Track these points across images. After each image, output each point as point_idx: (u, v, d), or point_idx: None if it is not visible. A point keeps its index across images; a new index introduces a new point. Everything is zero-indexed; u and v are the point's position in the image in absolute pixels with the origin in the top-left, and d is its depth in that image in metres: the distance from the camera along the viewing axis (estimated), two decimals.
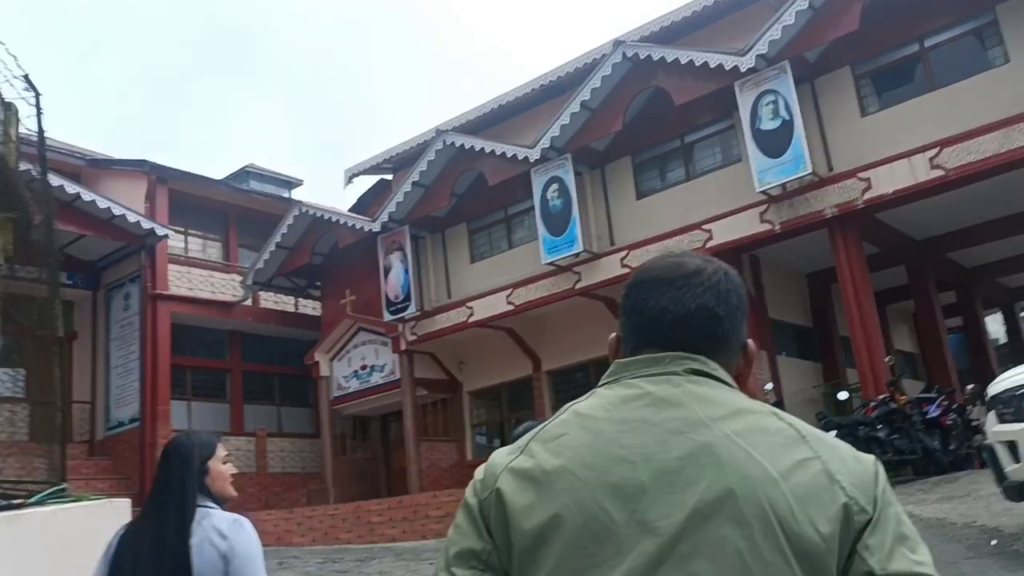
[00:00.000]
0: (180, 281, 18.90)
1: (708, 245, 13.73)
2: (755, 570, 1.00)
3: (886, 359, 12.39)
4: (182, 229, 19.77)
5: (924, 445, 11.50)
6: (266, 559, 2.62)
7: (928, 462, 11.57)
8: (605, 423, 1.11)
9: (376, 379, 18.25)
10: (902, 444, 11.30)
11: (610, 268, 14.73)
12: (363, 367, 18.49)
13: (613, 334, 1.26)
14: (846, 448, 1.11)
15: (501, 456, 1.17)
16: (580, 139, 14.86)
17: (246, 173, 26.58)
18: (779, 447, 1.07)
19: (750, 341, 1.24)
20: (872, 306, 12.84)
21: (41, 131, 7.25)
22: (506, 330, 16.81)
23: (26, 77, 7.06)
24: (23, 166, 7.53)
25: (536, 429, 1.18)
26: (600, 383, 1.20)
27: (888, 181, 12.28)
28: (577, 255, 14.88)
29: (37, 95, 7.20)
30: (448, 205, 16.74)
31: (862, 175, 12.47)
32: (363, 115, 69.11)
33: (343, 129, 69.32)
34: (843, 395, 12.82)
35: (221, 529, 2.43)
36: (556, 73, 16.48)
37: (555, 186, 15.08)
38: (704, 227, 13.82)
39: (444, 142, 16.07)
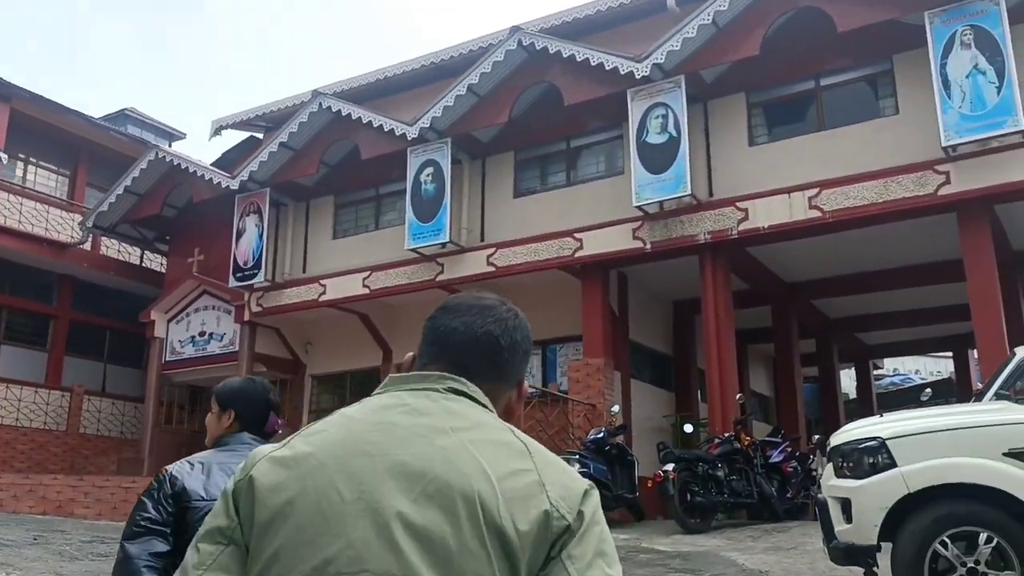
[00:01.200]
0: (9, 211, 17.09)
1: (577, 254, 13.13)
2: (455, 551, 1.14)
3: (737, 397, 12.00)
4: (22, 155, 17.95)
5: (761, 490, 11.14)
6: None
7: (763, 507, 11.21)
8: (360, 423, 1.25)
9: (214, 348, 16.90)
10: (739, 486, 10.88)
11: (475, 264, 13.94)
12: (201, 333, 17.10)
13: (410, 353, 1.39)
14: (566, 469, 1.26)
15: (264, 448, 1.28)
16: (463, 125, 14.02)
17: (124, 116, 24.76)
18: (504, 456, 1.22)
19: (526, 381, 1.42)
20: (731, 340, 12.45)
21: None
22: (359, 315, 15.80)
23: None
24: None
25: (304, 426, 1.30)
26: (374, 392, 1.33)
27: (765, 214, 11.90)
28: (443, 245, 14.02)
29: None
30: (316, 173, 15.62)
31: (740, 204, 12.06)
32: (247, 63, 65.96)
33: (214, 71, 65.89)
34: (689, 428, 12.38)
35: None
36: (449, 53, 15.58)
37: (430, 170, 14.19)
38: (576, 235, 13.18)
39: (320, 105, 14.94)
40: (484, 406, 1.30)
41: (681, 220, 12.40)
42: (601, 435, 10.95)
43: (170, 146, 23.66)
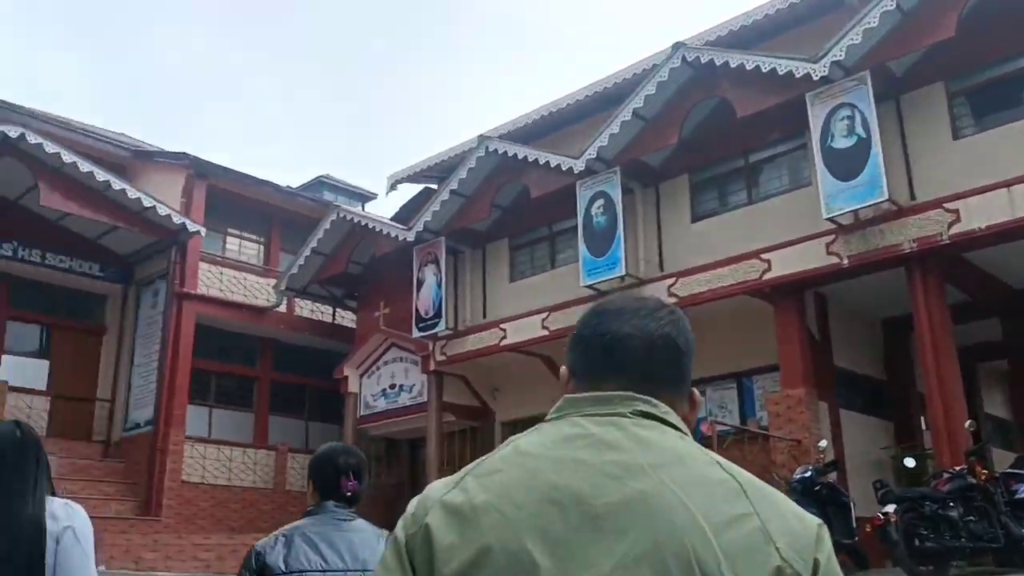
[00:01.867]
0: (211, 281, 18.12)
1: (765, 277, 12.10)
2: None
3: (967, 424, 10.46)
4: (220, 228, 19.04)
5: (1008, 531, 9.55)
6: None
7: (1014, 552, 9.61)
8: (540, 461, 1.09)
9: (404, 400, 17.02)
10: (979, 528, 9.36)
11: (656, 295, 13.17)
12: (392, 386, 17.30)
13: (563, 367, 1.25)
14: (790, 507, 1.09)
15: (436, 489, 1.15)
16: (631, 151, 13.41)
17: (320, 183, 26.07)
18: (717, 499, 1.05)
19: (694, 388, 1.25)
20: (952, 359, 10.95)
21: None
22: (542, 357, 15.38)
23: None
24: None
25: (474, 463, 1.16)
26: (547, 417, 1.19)
27: (981, 214, 10.44)
28: (621, 279, 13.38)
29: None
30: (488, 217, 15.46)
31: (949, 206, 10.65)
32: (410, 118, 68.33)
33: (386, 131, 68.62)
34: (911, 462, 10.93)
35: (54, 511, 2.42)
36: (612, 80, 15.08)
37: (601, 202, 13.65)
38: (762, 256, 12.16)
39: (486, 149, 14.83)
40: (680, 431, 1.16)
41: (880, 229, 11.12)
42: (809, 474, 9.85)
43: (363, 208, 24.62)
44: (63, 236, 17.53)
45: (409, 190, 19.42)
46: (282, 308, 18.83)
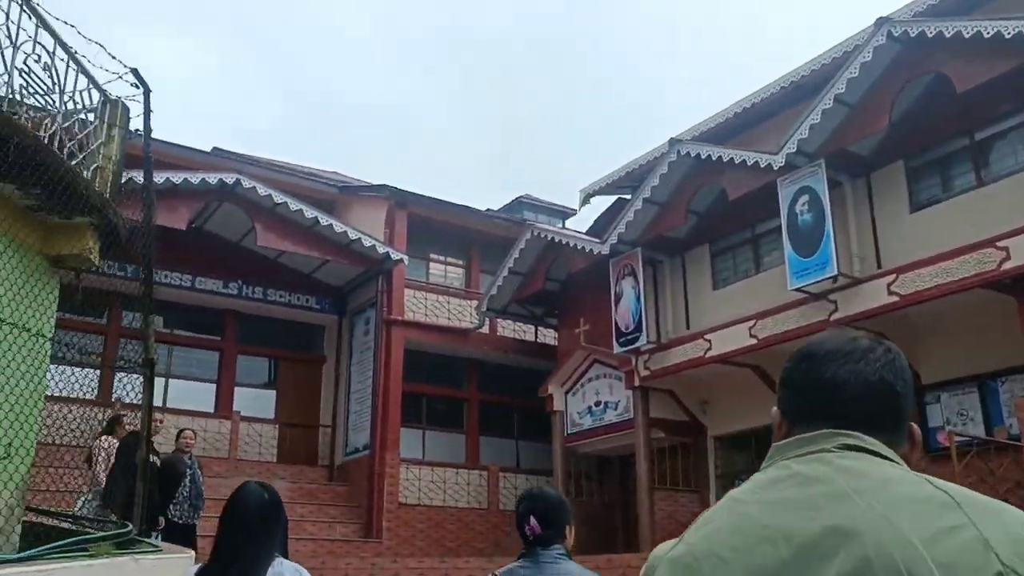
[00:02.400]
0: (417, 306, 18.61)
1: (1004, 266, 10.72)
2: None
3: None
4: (422, 254, 19.55)
5: None
6: None
7: None
8: (752, 506, 1.14)
9: (610, 417, 16.64)
10: None
11: (874, 295, 12.07)
12: (597, 403, 16.97)
13: (775, 408, 1.27)
14: (1013, 513, 1.06)
15: (663, 548, 1.21)
16: (836, 141, 12.39)
17: (520, 204, 26.43)
18: (927, 514, 1.04)
19: (913, 424, 1.24)
20: None
21: (148, 130, 6.58)
22: (752, 368, 14.50)
23: (134, 71, 6.43)
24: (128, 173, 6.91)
25: (698, 519, 1.20)
26: (761, 467, 1.21)
27: None
28: (833, 279, 12.36)
29: (146, 91, 6.55)
30: (684, 223, 14.84)
31: None
32: (603, 130, 67.43)
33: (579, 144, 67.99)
34: None
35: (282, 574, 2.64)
36: (810, 67, 14.05)
37: (805, 198, 12.70)
38: (998, 244, 10.79)
39: (678, 152, 14.24)
40: (888, 459, 1.14)
41: None
42: None
43: (563, 225, 24.64)
44: (281, 273, 18.63)
45: (604, 203, 19.11)
46: (485, 329, 19.04)
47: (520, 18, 64.69)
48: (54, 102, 5.74)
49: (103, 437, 10.42)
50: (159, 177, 15.23)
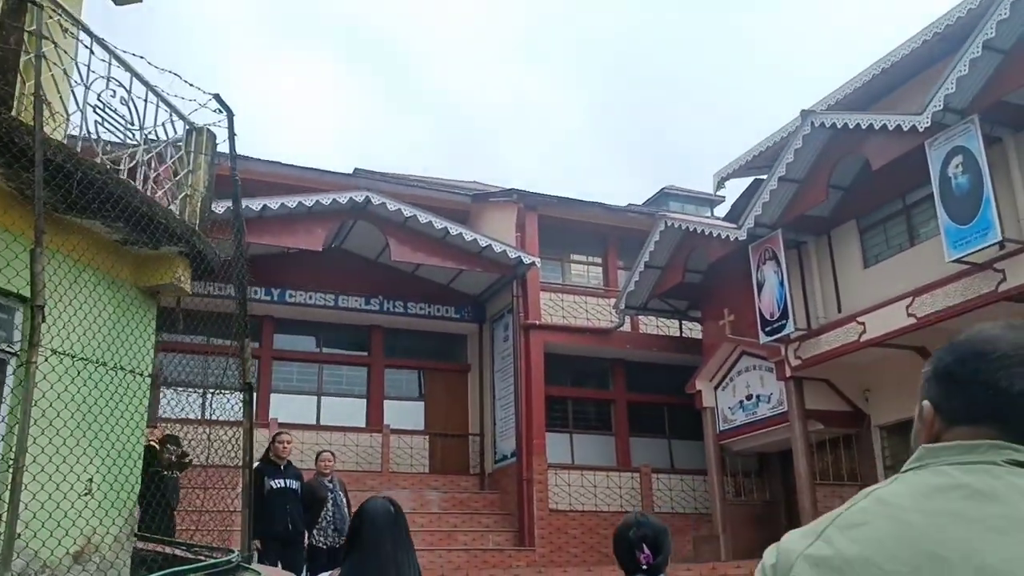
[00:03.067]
0: (554, 309, 18.32)
1: None
2: None
3: None
4: (556, 255, 19.26)
5: None
6: None
7: None
8: (913, 514, 1.05)
9: (763, 411, 15.75)
10: None
11: None
12: (748, 397, 16.11)
13: (925, 402, 1.17)
14: None
15: (794, 541, 1.12)
16: (990, 94, 11.14)
17: (664, 195, 25.77)
18: None
19: None
20: None
21: (233, 153, 6.59)
22: (914, 349, 13.32)
23: (217, 97, 6.46)
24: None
25: (832, 514, 1.13)
26: (904, 468, 1.15)
27: None
28: (1000, 246, 11.12)
29: (230, 116, 6.57)
30: (826, 199, 13.81)
31: None
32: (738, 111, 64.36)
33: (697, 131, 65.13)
34: None
35: None
36: (955, 14, 12.74)
37: (958, 159, 11.49)
38: None
39: (811, 124, 13.27)
40: None
41: None
42: None
43: (711, 214, 23.76)
44: (420, 285, 18.80)
45: (741, 186, 18.18)
46: (626, 327, 18.50)
47: (639, 11, 63.11)
48: (133, 135, 5.80)
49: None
50: (292, 202, 15.72)
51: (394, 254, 16.96)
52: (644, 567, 2.85)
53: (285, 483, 9.40)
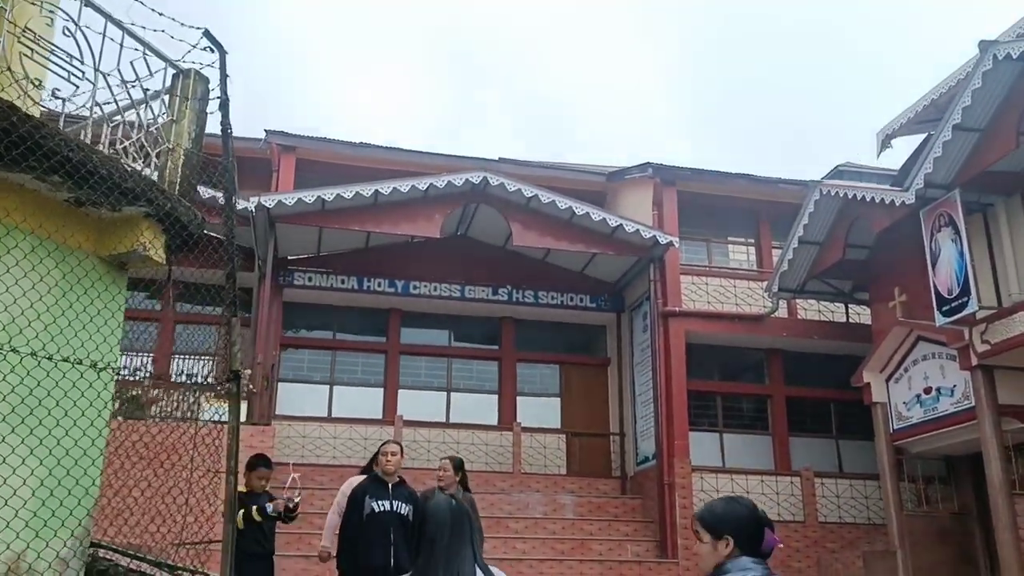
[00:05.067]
0: (698, 294, 16.52)
1: None
2: None
3: None
4: (699, 235, 17.42)
5: None
6: None
7: None
8: None
9: (945, 406, 13.33)
10: None
11: None
12: (927, 390, 13.72)
13: None
14: None
15: None
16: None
17: (840, 173, 23.29)
18: None
19: None
20: None
21: (225, 98, 5.52)
22: None
23: (206, 32, 5.42)
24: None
25: None
26: None
27: None
28: None
29: (222, 54, 5.51)
30: (1015, 149, 11.35)
31: None
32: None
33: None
34: None
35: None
36: None
37: None
38: None
39: (994, 57, 10.89)
40: None
41: None
42: None
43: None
44: (551, 273, 17.51)
45: (909, 147, 15.67)
46: (783, 313, 16.43)
47: None
48: (83, 75, 4.81)
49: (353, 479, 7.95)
50: (404, 185, 14.81)
51: (517, 239, 15.72)
52: (768, 551, 2.77)
53: (392, 506, 6.86)
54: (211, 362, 14.60)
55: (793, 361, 17.03)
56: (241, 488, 6.85)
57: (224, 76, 5.49)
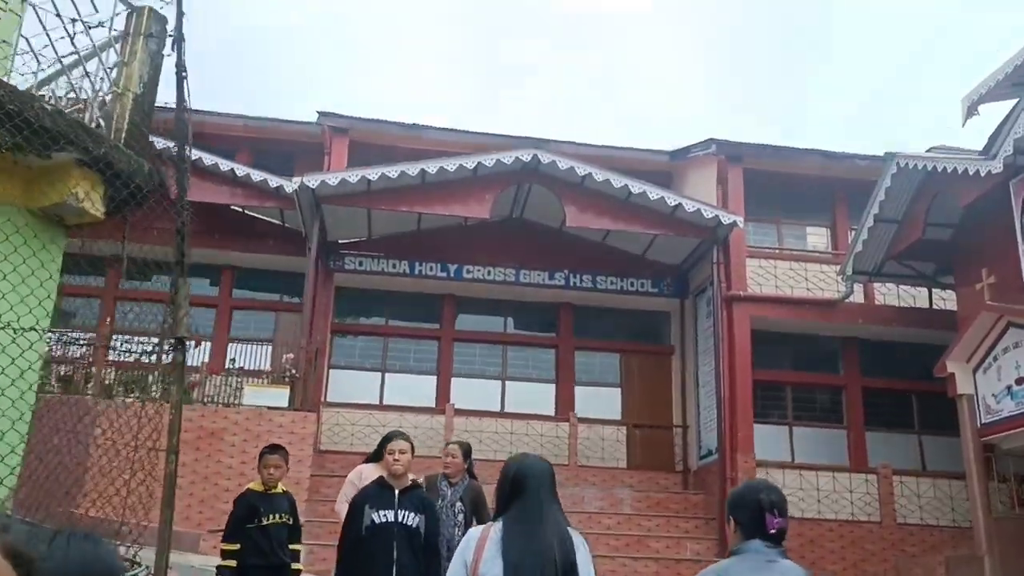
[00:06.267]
0: (765, 278, 15.49)
1: None
2: None
3: None
4: (768, 215, 16.37)
5: None
6: None
7: None
8: None
9: None
10: None
11: None
12: (1018, 380, 12.44)
13: None
14: None
15: None
16: None
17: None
18: None
19: None
20: None
21: (180, 37, 4.99)
22: None
23: None
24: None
25: None
26: None
27: None
28: None
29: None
30: None
31: None
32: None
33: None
34: None
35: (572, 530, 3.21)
36: None
37: None
38: None
39: None
40: None
41: None
42: None
43: None
44: (610, 256, 16.74)
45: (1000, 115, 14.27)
46: (859, 298, 15.29)
47: None
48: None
49: (362, 467, 6.93)
50: (451, 164, 14.24)
51: (571, 220, 15.00)
52: (773, 532, 2.75)
53: (398, 516, 5.35)
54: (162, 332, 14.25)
55: (870, 350, 15.85)
56: (253, 485, 6.06)
57: (180, 13, 4.96)
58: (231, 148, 16.74)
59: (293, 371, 13.57)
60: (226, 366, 15.31)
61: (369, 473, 6.32)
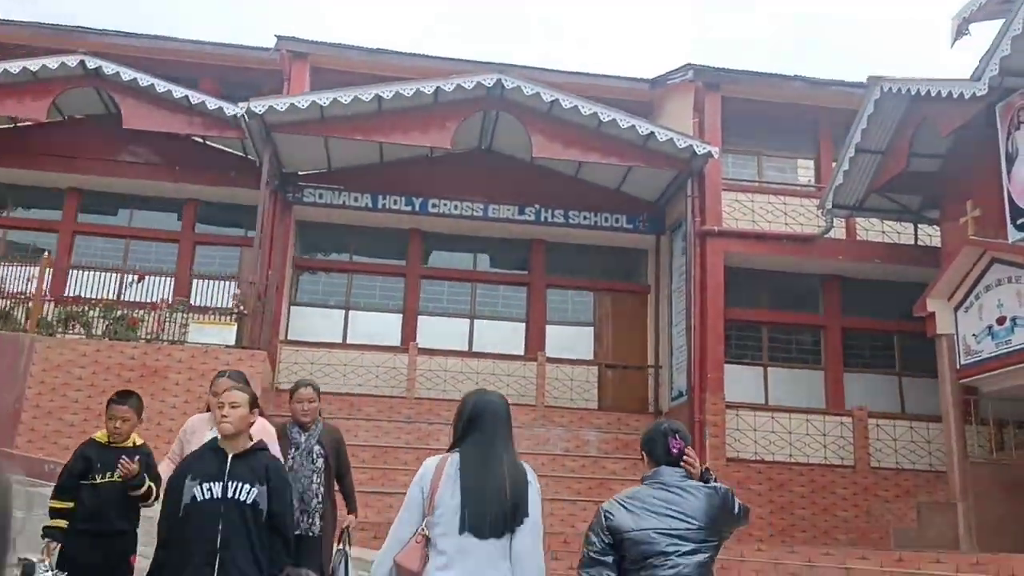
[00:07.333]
0: (742, 213, 14.77)
1: None
2: None
3: None
4: (748, 147, 15.56)
5: None
6: None
7: None
8: None
9: (1021, 338, 11.41)
10: None
11: None
12: (1000, 320, 11.76)
13: None
14: None
15: None
16: None
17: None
18: None
19: None
20: None
21: None
22: None
23: None
24: None
25: None
26: None
27: None
28: None
29: None
30: None
31: None
32: None
33: None
34: None
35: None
36: None
37: None
38: None
39: None
40: None
41: None
42: None
43: None
44: (583, 191, 16.02)
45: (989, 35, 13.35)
46: (839, 234, 14.57)
47: None
48: None
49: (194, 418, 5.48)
50: (408, 89, 13.46)
51: (537, 150, 14.23)
52: (674, 451, 3.22)
53: (227, 489, 3.98)
54: None
55: (851, 288, 15.19)
56: (99, 435, 5.02)
57: None
58: (193, 76, 15.94)
59: (241, 307, 12.99)
60: (186, 302, 14.75)
61: (198, 428, 5.07)
